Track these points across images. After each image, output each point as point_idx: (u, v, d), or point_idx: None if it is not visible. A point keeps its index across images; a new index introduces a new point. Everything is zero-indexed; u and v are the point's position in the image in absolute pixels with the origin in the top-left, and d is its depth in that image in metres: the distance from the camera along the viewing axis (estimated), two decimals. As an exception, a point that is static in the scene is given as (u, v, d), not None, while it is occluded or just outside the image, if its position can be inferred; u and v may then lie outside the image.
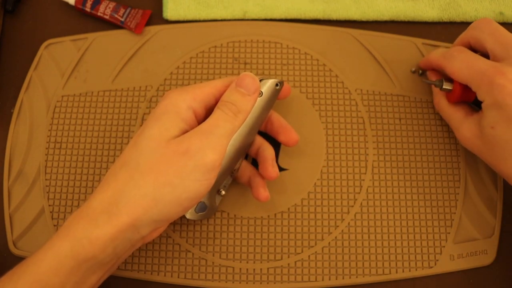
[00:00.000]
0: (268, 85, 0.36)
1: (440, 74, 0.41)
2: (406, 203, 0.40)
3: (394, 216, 0.40)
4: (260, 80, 0.36)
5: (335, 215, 0.40)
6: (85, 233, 0.29)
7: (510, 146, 0.33)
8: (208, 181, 0.32)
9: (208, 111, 0.34)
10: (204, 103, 0.34)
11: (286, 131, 0.38)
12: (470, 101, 0.38)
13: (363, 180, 0.41)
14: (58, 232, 0.30)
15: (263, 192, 0.37)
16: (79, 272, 0.29)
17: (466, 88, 0.37)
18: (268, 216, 0.40)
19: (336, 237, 0.39)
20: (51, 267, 0.29)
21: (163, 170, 0.30)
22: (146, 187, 0.30)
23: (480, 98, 0.35)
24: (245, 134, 0.35)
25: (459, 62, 0.36)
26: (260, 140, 0.38)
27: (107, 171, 0.41)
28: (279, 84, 0.37)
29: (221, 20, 0.46)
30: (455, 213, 0.40)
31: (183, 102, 0.33)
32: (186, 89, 0.34)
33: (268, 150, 0.37)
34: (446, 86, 0.38)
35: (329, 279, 0.38)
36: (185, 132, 0.32)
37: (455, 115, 0.38)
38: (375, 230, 0.39)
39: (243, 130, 0.35)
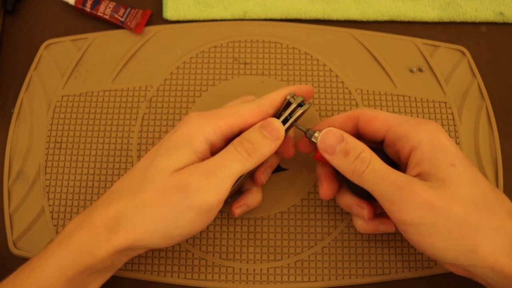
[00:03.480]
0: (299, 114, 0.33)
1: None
2: (406, 203, 0.40)
3: (394, 216, 0.40)
4: (289, 102, 0.33)
5: (335, 215, 0.40)
6: (87, 246, 0.30)
7: (474, 185, 0.30)
8: (204, 221, 0.31)
9: (229, 142, 0.32)
10: (225, 136, 0.32)
11: (286, 142, 0.36)
12: None
13: (363, 180, 0.41)
14: (60, 239, 0.31)
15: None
16: (79, 278, 0.30)
17: None
18: (268, 216, 0.40)
19: (336, 237, 0.39)
20: (53, 273, 0.29)
21: (160, 205, 0.30)
22: (143, 217, 0.30)
23: (410, 139, 0.31)
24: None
25: (382, 111, 0.34)
26: None
27: (106, 171, 0.41)
28: (303, 105, 0.34)
29: (221, 20, 0.46)
30: (455, 213, 0.40)
31: (201, 134, 0.31)
32: (209, 118, 0.32)
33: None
34: (317, 136, 0.33)
35: (329, 279, 0.38)
36: (193, 163, 0.31)
37: (397, 172, 0.30)
38: (375, 230, 0.39)
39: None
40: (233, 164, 0.30)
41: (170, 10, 0.45)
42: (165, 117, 0.43)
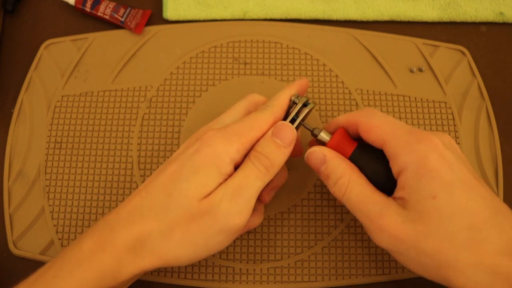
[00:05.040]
0: (305, 114, 0.33)
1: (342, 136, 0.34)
2: (406, 203, 0.40)
3: (394, 216, 0.40)
4: (294, 102, 0.34)
5: (335, 215, 0.40)
6: (110, 269, 0.29)
7: (457, 218, 0.28)
8: (230, 240, 0.32)
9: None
10: (247, 151, 0.32)
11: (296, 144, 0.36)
12: (346, 157, 0.33)
13: (363, 180, 0.41)
14: (78, 257, 0.29)
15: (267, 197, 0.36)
16: None
17: (343, 142, 0.33)
18: (268, 216, 0.40)
19: (336, 237, 0.39)
20: None
21: (190, 230, 0.30)
22: (171, 242, 0.30)
23: (399, 160, 0.30)
24: None
25: (380, 118, 0.32)
26: None
27: (107, 171, 0.41)
28: (308, 105, 0.34)
29: (221, 20, 0.46)
30: (455, 213, 0.40)
31: (227, 155, 0.30)
32: (231, 138, 0.31)
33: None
34: (323, 135, 0.33)
35: (329, 279, 0.38)
36: (220, 184, 0.30)
37: (372, 201, 0.30)
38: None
39: None
40: (255, 183, 0.31)
41: (170, 10, 0.45)
42: (165, 117, 0.43)
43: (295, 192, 0.40)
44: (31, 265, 0.31)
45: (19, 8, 0.47)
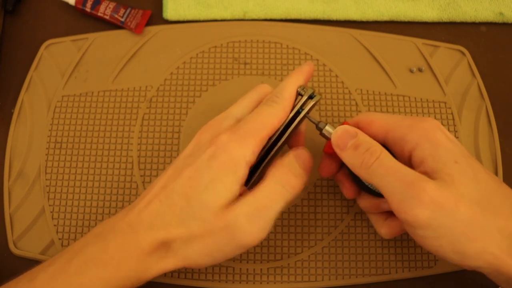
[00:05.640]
0: (310, 106, 0.33)
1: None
2: (406, 203, 0.40)
3: (394, 216, 0.40)
4: (300, 94, 0.33)
5: (335, 215, 0.40)
6: (136, 272, 0.30)
7: (477, 183, 0.29)
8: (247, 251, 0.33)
9: None
10: (260, 150, 0.32)
11: (298, 137, 0.36)
12: None
13: (363, 180, 0.41)
14: (104, 260, 0.29)
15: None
16: None
17: None
18: (268, 216, 0.40)
19: (336, 237, 0.39)
20: None
21: (208, 243, 0.30)
22: (193, 250, 0.30)
23: (408, 139, 0.31)
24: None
25: (379, 113, 0.34)
26: None
27: (107, 171, 0.41)
28: (314, 97, 0.34)
29: (221, 20, 0.46)
30: (455, 213, 0.40)
31: (243, 159, 0.30)
32: (246, 139, 0.30)
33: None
34: (328, 129, 0.33)
35: (329, 279, 0.38)
36: (237, 193, 0.30)
37: (406, 167, 0.30)
38: (374, 230, 0.39)
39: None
40: (279, 203, 0.30)
41: (170, 10, 0.46)
42: (165, 117, 0.43)
43: (295, 192, 0.40)
44: (31, 265, 0.31)
45: (19, 8, 0.47)
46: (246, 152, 0.30)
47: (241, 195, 0.30)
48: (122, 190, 0.41)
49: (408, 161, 0.31)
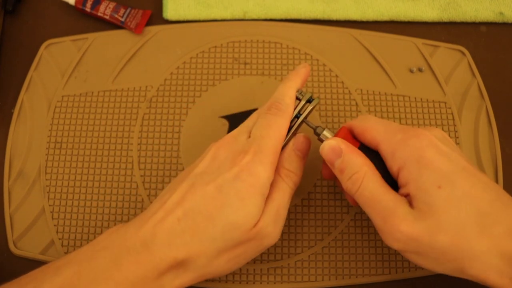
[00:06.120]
0: (309, 110, 0.34)
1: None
2: (406, 203, 0.40)
3: (394, 216, 0.40)
4: (297, 98, 0.34)
5: (335, 215, 0.40)
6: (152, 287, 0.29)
7: (464, 206, 0.28)
8: None
9: None
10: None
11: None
12: None
13: (363, 180, 0.41)
14: (117, 279, 0.28)
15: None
16: None
17: (347, 140, 0.33)
18: (268, 216, 0.40)
19: (336, 237, 0.39)
20: None
21: (236, 253, 0.31)
22: (215, 266, 0.31)
23: (396, 157, 0.30)
24: None
25: (374, 120, 0.32)
26: None
27: (107, 171, 0.41)
28: (312, 101, 0.34)
29: (221, 20, 0.46)
30: (455, 213, 0.40)
31: (268, 181, 0.31)
32: (268, 158, 0.31)
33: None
34: (326, 134, 0.34)
35: (329, 279, 0.38)
36: (262, 207, 0.31)
37: (386, 199, 0.30)
38: (374, 230, 0.39)
39: None
40: (289, 200, 0.33)
41: (170, 10, 0.46)
42: (165, 117, 0.43)
43: (295, 192, 0.40)
44: (31, 265, 0.31)
45: (19, 8, 0.47)
46: (271, 173, 0.31)
47: None
48: (122, 190, 0.41)
49: (397, 178, 0.31)
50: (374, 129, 0.32)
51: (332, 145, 0.32)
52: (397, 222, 0.29)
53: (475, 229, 0.28)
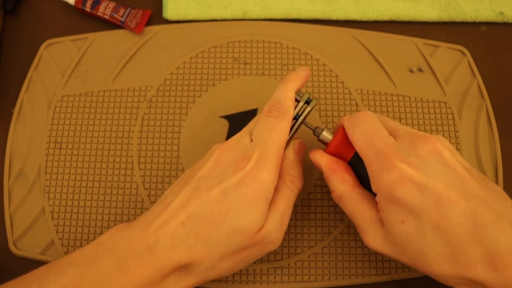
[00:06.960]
0: (308, 110, 0.34)
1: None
2: (406, 203, 0.40)
3: (394, 216, 0.40)
4: (296, 100, 0.34)
5: (335, 215, 0.40)
6: None
7: (429, 238, 0.29)
8: None
9: None
10: None
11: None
12: (345, 161, 0.34)
13: (363, 180, 0.41)
14: (122, 282, 0.28)
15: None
16: None
17: (344, 146, 0.33)
18: (268, 216, 0.40)
19: (336, 237, 0.39)
20: None
21: (239, 258, 0.31)
22: (218, 270, 0.31)
23: (372, 183, 0.31)
24: None
25: (360, 133, 0.32)
26: None
27: (107, 171, 0.41)
28: (310, 102, 0.34)
29: (221, 20, 0.46)
30: (455, 213, 0.40)
31: (273, 186, 0.31)
32: (273, 165, 0.31)
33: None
34: (326, 135, 0.34)
35: (329, 279, 0.38)
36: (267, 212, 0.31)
37: (361, 218, 0.32)
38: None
39: None
40: (292, 206, 0.33)
41: (170, 10, 0.46)
42: (165, 117, 0.43)
43: (295, 192, 0.40)
44: (31, 265, 0.31)
45: (19, 8, 0.47)
46: (275, 177, 0.31)
47: None
48: (122, 190, 0.41)
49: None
50: (358, 147, 0.32)
51: (315, 162, 0.34)
52: (367, 240, 0.32)
53: (436, 257, 0.29)
